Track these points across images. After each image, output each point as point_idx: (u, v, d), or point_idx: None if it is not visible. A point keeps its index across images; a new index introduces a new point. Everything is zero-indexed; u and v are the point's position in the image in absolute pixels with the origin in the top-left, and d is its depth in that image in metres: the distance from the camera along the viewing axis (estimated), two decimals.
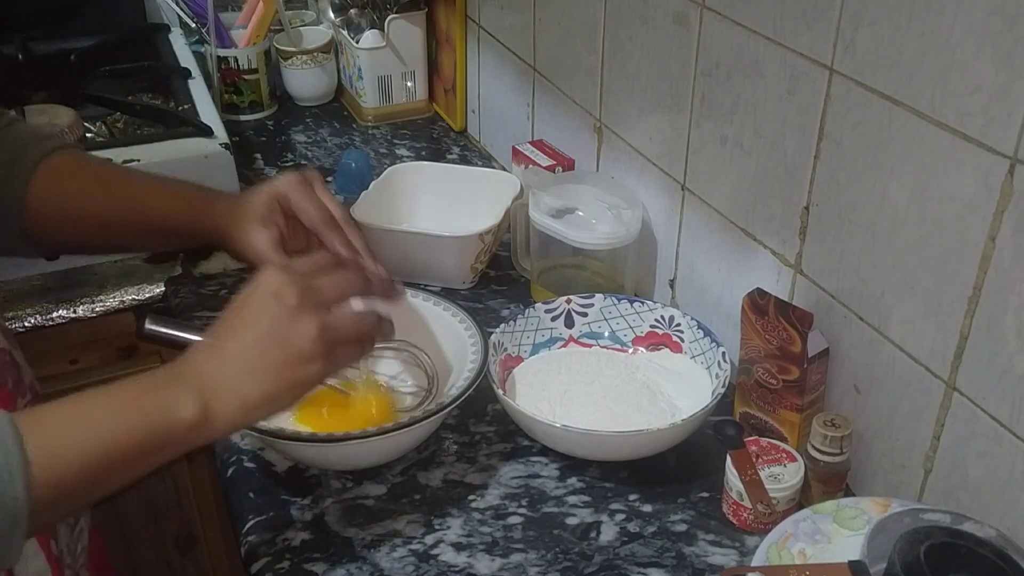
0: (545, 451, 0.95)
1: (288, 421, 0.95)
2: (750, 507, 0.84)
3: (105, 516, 1.29)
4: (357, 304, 0.75)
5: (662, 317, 1.04)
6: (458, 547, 0.85)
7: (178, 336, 0.83)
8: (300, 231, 0.91)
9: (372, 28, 1.59)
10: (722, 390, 0.92)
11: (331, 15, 1.64)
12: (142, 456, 0.65)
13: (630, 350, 1.05)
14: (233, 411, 0.67)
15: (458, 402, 0.88)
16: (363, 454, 0.89)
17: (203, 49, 1.62)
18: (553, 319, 1.05)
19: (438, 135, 1.61)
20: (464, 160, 1.52)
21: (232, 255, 0.93)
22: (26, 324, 1.13)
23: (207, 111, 1.34)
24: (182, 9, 1.60)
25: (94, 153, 1.19)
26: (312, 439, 0.85)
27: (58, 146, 0.91)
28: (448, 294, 1.09)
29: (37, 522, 0.61)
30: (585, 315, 1.06)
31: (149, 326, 0.82)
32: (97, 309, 1.16)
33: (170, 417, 0.65)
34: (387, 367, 0.98)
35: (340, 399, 0.95)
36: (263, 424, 0.85)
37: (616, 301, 1.06)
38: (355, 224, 0.89)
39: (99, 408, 0.64)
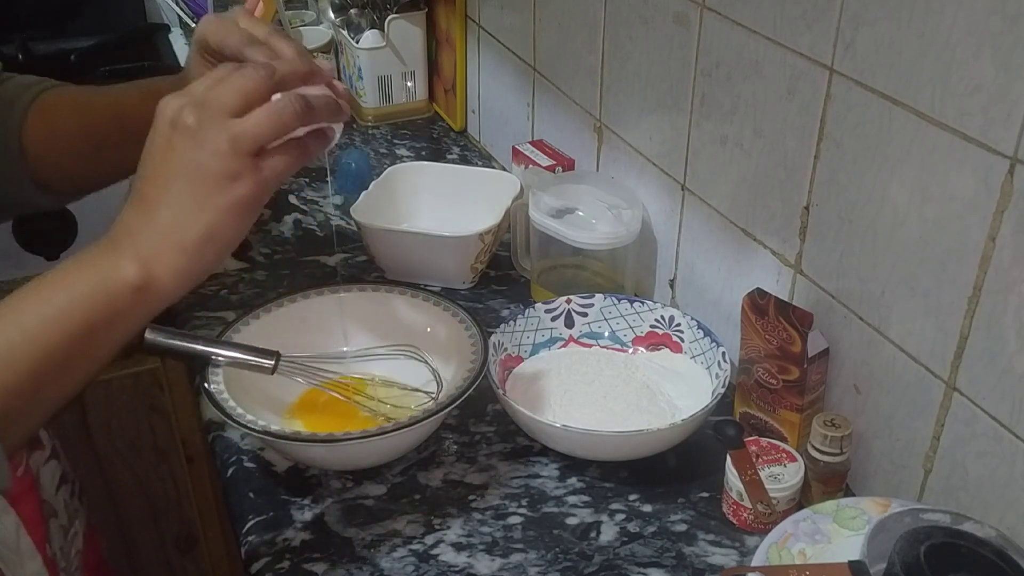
0: (545, 451, 0.95)
1: (288, 421, 0.95)
2: (750, 507, 0.84)
3: (105, 516, 1.29)
4: (275, 98, 0.65)
5: (662, 317, 1.04)
6: (458, 547, 0.85)
7: (178, 345, 0.83)
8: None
9: (372, 28, 1.59)
10: (722, 390, 0.92)
11: (331, 15, 1.64)
12: (94, 336, 0.61)
13: (630, 350, 1.05)
14: (175, 260, 0.62)
15: (458, 402, 0.88)
16: (363, 454, 0.89)
17: None
18: (553, 319, 1.05)
19: (438, 135, 1.61)
20: (464, 160, 1.52)
21: None
22: None
23: None
24: (182, 9, 1.60)
25: None
26: (312, 439, 0.85)
27: (43, 88, 0.89)
28: (448, 294, 1.09)
29: (12, 435, 0.58)
30: (585, 315, 1.06)
31: (148, 336, 0.82)
32: None
33: (109, 285, 0.61)
34: (392, 370, 0.98)
35: (342, 402, 0.95)
36: (263, 424, 0.85)
37: (616, 301, 1.06)
38: (285, 35, 0.76)
39: (31, 301, 0.60)
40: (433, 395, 0.94)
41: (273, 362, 0.87)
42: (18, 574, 0.74)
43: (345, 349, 1.01)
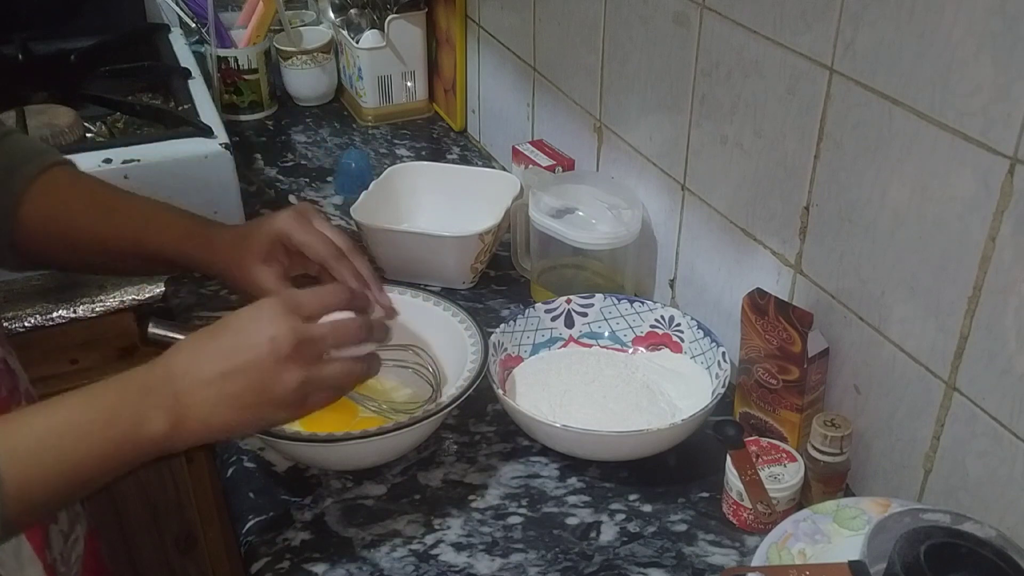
0: (545, 451, 0.95)
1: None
2: (750, 507, 0.84)
3: (105, 516, 1.29)
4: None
5: (662, 317, 1.04)
6: (458, 547, 0.85)
7: (180, 339, 0.83)
8: (301, 262, 0.92)
9: (372, 28, 1.59)
10: (722, 390, 0.92)
11: (331, 15, 1.64)
12: (109, 470, 0.67)
13: (630, 350, 1.05)
14: (196, 433, 0.68)
15: (458, 402, 0.88)
16: (363, 454, 0.89)
17: (203, 49, 1.62)
18: (553, 319, 1.05)
19: (438, 135, 1.61)
20: (464, 160, 1.52)
21: (231, 288, 0.95)
22: (26, 324, 1.13)
23: (207, 111, 1.34)
24: (182, 9, 1.60)
25: (94, 153, 1.19)
26: (312, 439, 0.85)
27: (55, 162, 0.90)
28: (448, 294, 1.09)
29: (9, 533, 0.64)
30: (585, 315, 1.06)
31: (152, 330, 0.82)
32: (97, 309, 1.16)
33: (139, 434, 0.66)
34: (392, 369, 0.98)
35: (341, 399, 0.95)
36: None
37: (616, 301, 1.06)
38: (360, 251, 0.90)
39: (70, 426, 0.65)
40: (432, 394, 0.94)
41: None
42: None
43: None
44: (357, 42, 1.58)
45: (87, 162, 1.18)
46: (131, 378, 0.68)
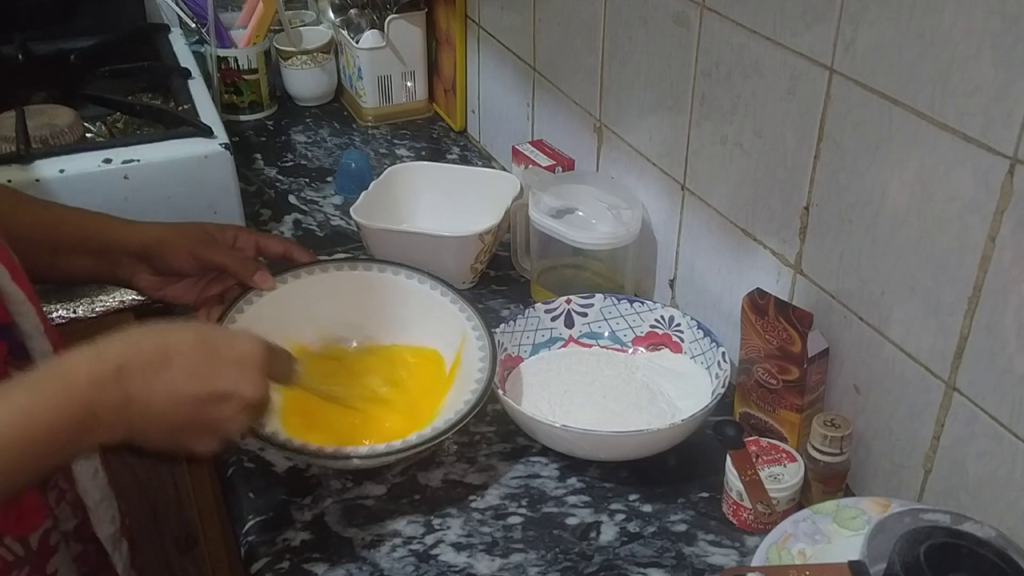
0: (545, 451, 0.95)
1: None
2: (750, 507, 0.84)
3: None
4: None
5: (662, 317, 1.04)
6: (458, 547, 0.85)
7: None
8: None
9: (372, 28, 1.59)
10: (722, 390, 0.92)
11: (331, 15, 1.64)
12: (40, 470, 0.67)
13: (630, 350, 1.05)
14: (117, 439, 0.68)
15: (466, 420, 0.87)
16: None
17: (203, 49, 1.62)
18: (553, 319, 1.05)
19: (438, 135, 1.61)
20: (464, 160, 1.52)
21: (134, 278, 0.97)
22: None
23: (207, 111, 1.34)
24: (182, 9, 1.60)
25: (94, 153, 1.19)
26: (325, 455, 0.84)
27: None
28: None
29: None
30: (585, 315, 1.06)
31: None
32: (97, 309, 1.16)
33: (78, 442, 0.65)
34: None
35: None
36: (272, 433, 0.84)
37: (616, 301, 1.06)
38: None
39: (16, 431, 0.62)
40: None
41: None
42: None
43: (354, 344, 1.01)
44: (357, 42, 1.58)
45: (87, 162, 1.18)
46: (73, 369, 0.66)
